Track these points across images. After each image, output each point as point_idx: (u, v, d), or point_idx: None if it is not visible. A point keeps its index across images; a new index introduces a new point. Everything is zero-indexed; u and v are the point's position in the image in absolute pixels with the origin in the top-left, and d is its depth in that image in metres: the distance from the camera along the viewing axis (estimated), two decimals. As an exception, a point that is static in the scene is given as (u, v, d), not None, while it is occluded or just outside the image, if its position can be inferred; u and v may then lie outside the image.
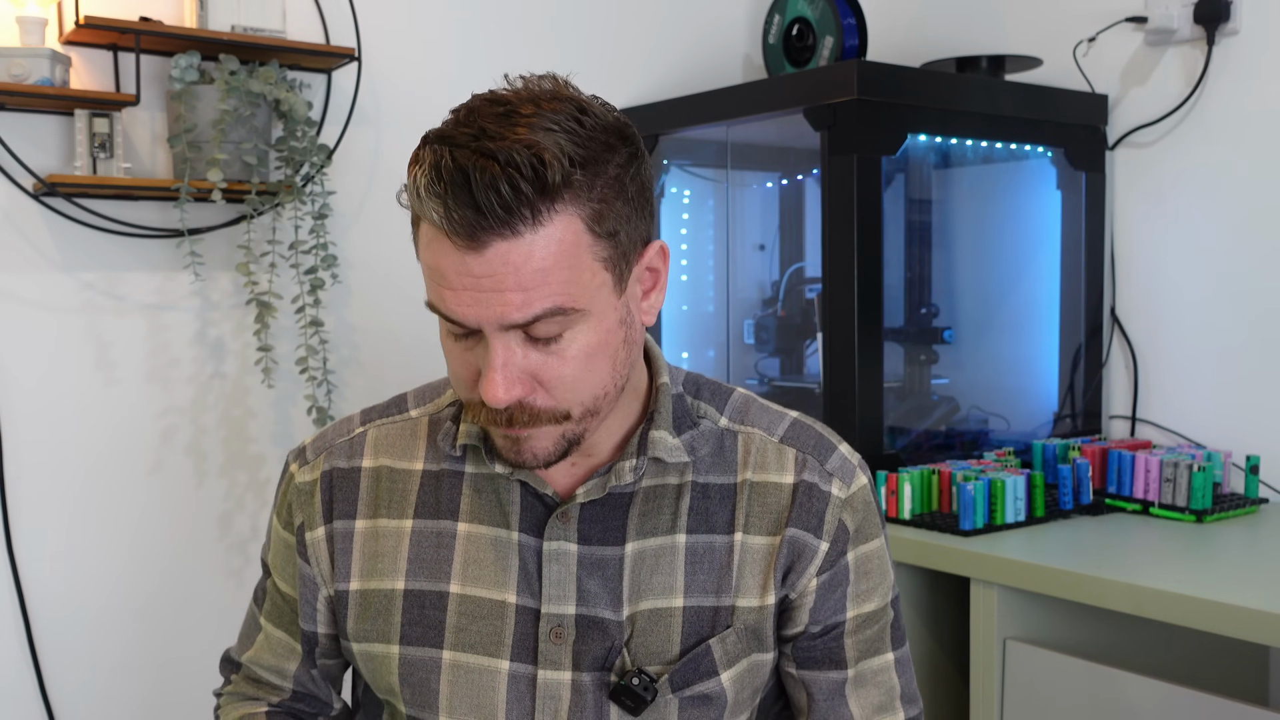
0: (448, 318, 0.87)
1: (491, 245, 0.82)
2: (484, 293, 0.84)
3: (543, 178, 0.82)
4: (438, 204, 0.82)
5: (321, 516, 1.03)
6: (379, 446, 1.04)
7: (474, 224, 0.81)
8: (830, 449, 1.03)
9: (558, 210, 0.83)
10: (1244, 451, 1.99)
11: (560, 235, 0.84)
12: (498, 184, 0.80)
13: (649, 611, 0.98)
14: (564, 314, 0.86)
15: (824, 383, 1.97)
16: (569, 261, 0.85)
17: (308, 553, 1.04)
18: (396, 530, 1.01)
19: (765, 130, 2.26)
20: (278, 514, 1.08)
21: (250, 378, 2.07)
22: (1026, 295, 2.32)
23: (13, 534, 1.88)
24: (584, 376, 0.89)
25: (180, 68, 1.87)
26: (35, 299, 1.90)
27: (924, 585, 1.85)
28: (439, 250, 0.85)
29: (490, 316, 0.85)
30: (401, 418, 1.06)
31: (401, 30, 2.20)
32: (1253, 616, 1.37)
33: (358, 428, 1.06)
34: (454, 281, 0.85)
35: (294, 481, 1.06)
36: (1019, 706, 1.65)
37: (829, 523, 1.00)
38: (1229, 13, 2.03)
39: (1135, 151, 2.21)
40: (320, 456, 1.05)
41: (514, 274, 0.83)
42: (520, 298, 0.84)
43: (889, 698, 1.04)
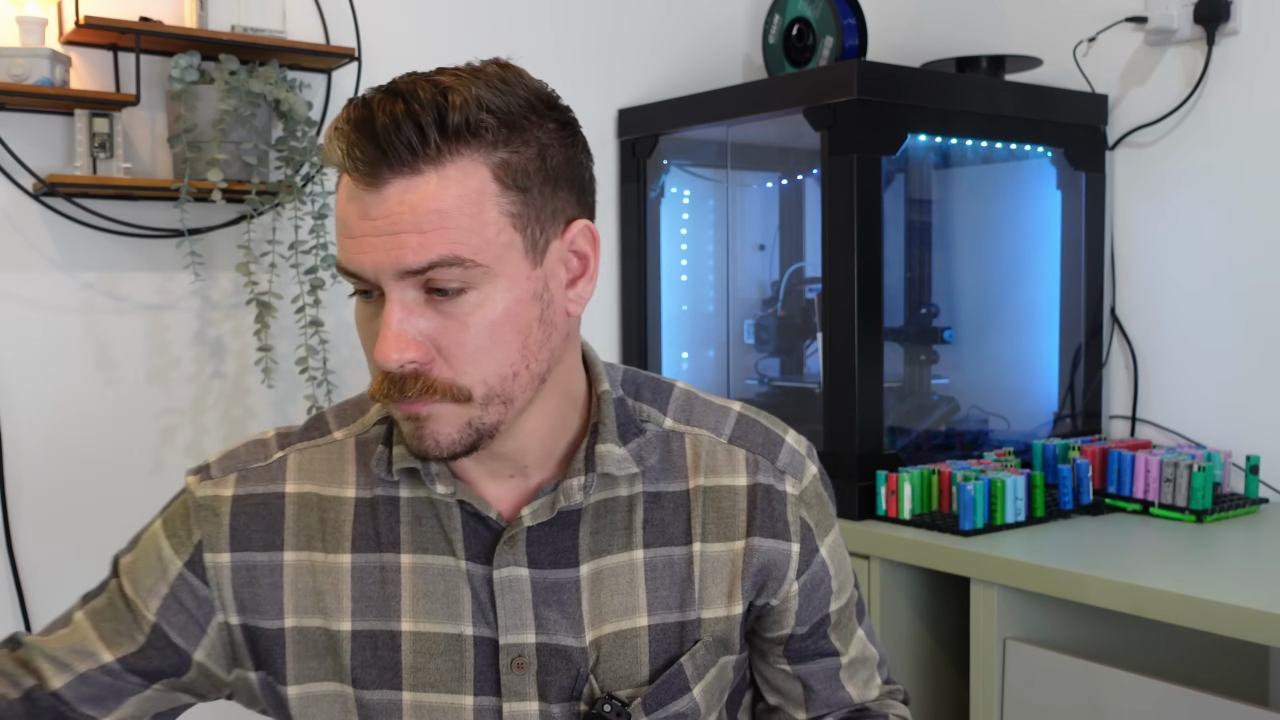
0: (348, 272, 0.83)
1: (390, 184, 0.80)
2: (380, 236, 0.81)
3: (446, 117, 0.80)
4: (342, 142, 0.80)
5: (229, 541, 0.94)
6: (302, 472, 0.96)
7: (374, 160, 0.79)
8: (778, 443, 1.00)
9: (462, 153, 0.81)
10: (1244, 451, 1.99)
11: (463, 179, 0.81)
12: (399, 120, 0.79)
13: (613, 635, 0.94)
14: (463, 266, 0.81)
15: (824, 383, 1.97)
16: (471, 209, 0.81)
17: (206, 574, 0.94)
18: (335, 566, 0.93)
19: (765, 130, 2.26)
20: (164, 525, 0.97)
21: (250, 378, 2.07)
22: (1026, 295, 2.32)
23: (13, 534, 1.88)
24: (488, 348, 0.84)
25: (180, 68, 1.87)
26: (35, 299, 1.90)
27: (924, 585, 1.85)
28: (344, 197, 0.83)
29: (385, 261, 0.81)
30: (325, 441, 0.97)
31: (401, 30, 2.20)
32: (1253, 616, 1.37)
33: (275, 452, 0.97)
34: (355, 228, 0.82)
35: (194, 495, 0.96)
36: (1019, 706, 1.65)
37: (793, 523, 0.98)
38: (1229, 13, 2.03)
39: (1135, 151, 2.21)
40: (230, 476, 0.96)
41: (410, 214, 0.80)
42: (417, 240, 0.80)
43: (870, 669, 1.07)
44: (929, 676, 1.87)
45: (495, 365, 0.85)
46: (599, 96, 2.45)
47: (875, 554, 1.80)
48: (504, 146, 0.82)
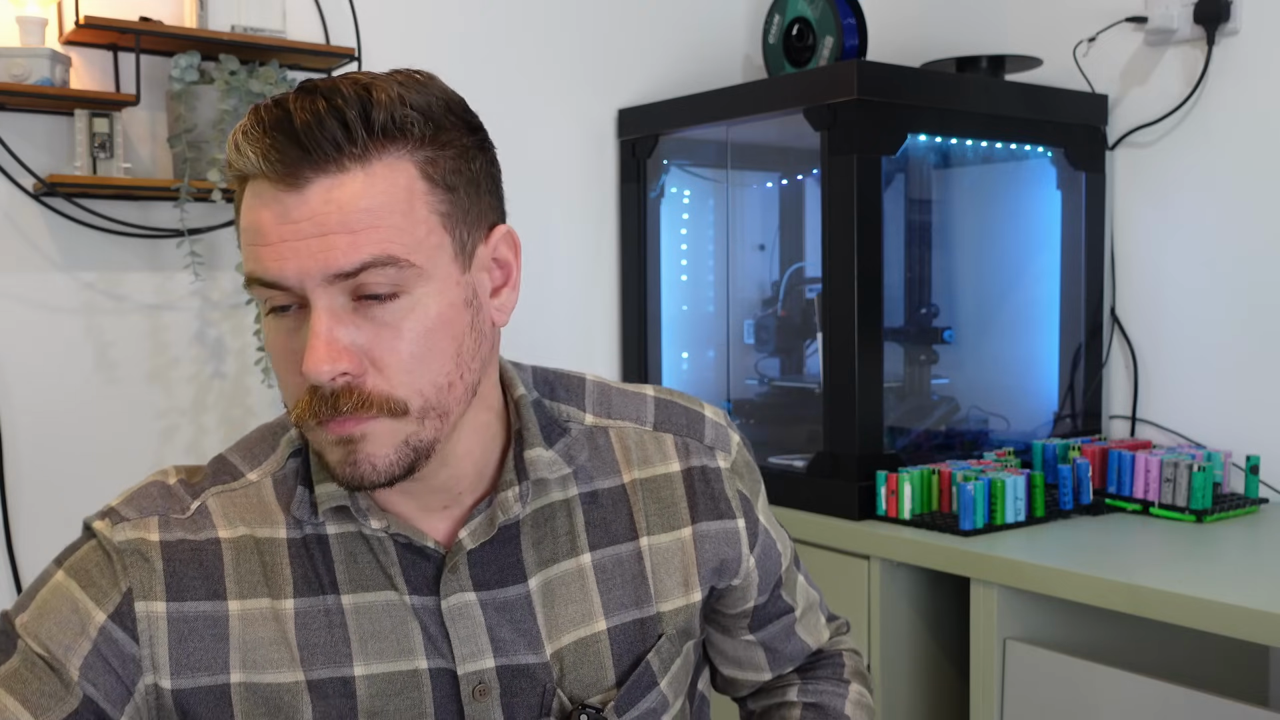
0: (265, 281, 0.77)
1: (314, 183, 0.75)
2: (305, 239, 0.75)
3: (370, 114, 0.76)
4: (254, 147, 0.76)
5: (164, 589, 0.84)
6: (230, 516, 0.88)
7: (294, 160, 0.75)
8: (699, 420, 0.99)
9: (388, 150, 0.77)
10: (1244, 451, 1.99)
11: (391, 175, 0.77)
12: (321, 117, 0.75)
13: (574, 644, 0.91)
14: (397, 266, 0.76)
15: (824, 383, 1.97)
16: (402, 207, 0.77)
17: (137, 627, 0.84)
18: (281, 612, 0.86)
19: (765, 130, 2.26)
20: (73, 574, 0.86)
21: (250, 378, 2.07)
22: (1026, 295, 2.32)
23: (13, 534, 1.88)
24: (422, 356, 0.79)
25: (180, 68, 1.87)
26: (35, 299, 1.90)
27: (924, 585, 1.85)
28: (256, 204, 0.77)
29: (313, 266, 0.75)
30: (240, 484, 0.90)
31: (401, 30, 2.20)
32: (1253, 616, 1.37)
33: (192, 502, 0.88)
34: (272, 234, 0.76)
35: (109, 540, 0.86)
36: (1019, 706, 1.65)
37: (732, 498, 0.97)
38: (1229, 13, 2.03)
39: (1135, 151, 2.21)
40: (151, 520, 0.87)
41: (338, 213, 0.75)
42: (346, 240, 0.75)
43: (816, 613, 1.09)
44: (929, 676, 1.87)
45: (430, 375, 0.80)
46: (599, 96, 2.45)
47: (875, 554, 1.80)
48: (429, 145, 0.79)
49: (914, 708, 1.85)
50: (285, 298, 0.78)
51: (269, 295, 0.78)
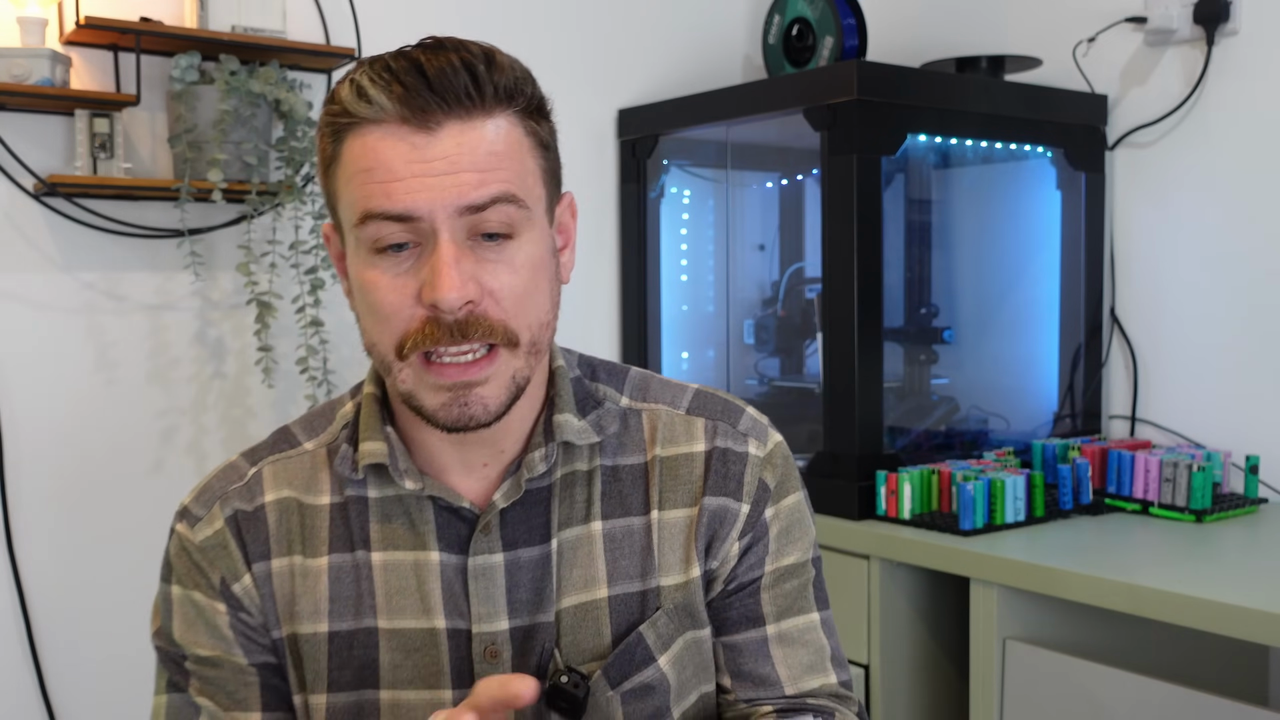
0: (391, 215, 0.82)
1: (446, 126, 0.82)
2: (437, 176, 0.81)
3: (494, 74, 0.84)
4: (385, 92, 0.82)
5: (243, 563, 0.94)
6: (278, 480, 0.96)
7: (429, 104, 0.81)
8: (739, 412, 1.00)
9: (507, 108, 0.85)
10: (1244, 451, 1.99)
11: (509, 129, 0.85)
12: (455, 67, 0.82)
13: (574, 607, 0.93)
14: (516, 204, 0.84)
15: (824, 383, 1.97)
16: (517, 155, 0.85)
17: (242, 602, 0.94)
18: (314, 569, 0.93)
19: (765, 130, 2.26)
20: (178, 582, 0.96)
21: (250, 378, 2.07)
22: (1026, 295, 2.32)
23: (13, 534, 1.88)
24: (532, 294, 0.86)
25: (180, 68, 1.87)
26: (35, 299, 1.90)
27: (924, 585, 1.85)
28: (381, 146, 0.83)
29: (446, 199, 0.82)
30: (295, 452, 0.97)
31: (401, 30, 2.19)
32: (1253, 616, 1.37)
33: (249, 470, 0.97)
34: (403, 170, 0.82)
35: (191, 542, 0.95)
36: (1019, 706, 1.65)
37: (749, 483, 0.96)
38: (1229, 13, 2.03)
39: (1135, 151, 2.21)
40: (215, 506, 0.95)
41: (469, 154, 0.82)
42: (476, 178, 0.82)
43: (819, 658, 0.98)
44: (929, 676, 1.87)
45: (537, 312, 0.87)
46: (599, 96, 2.45)
47: (875, 554, 1.80)
48: (535, 110, 0.88)
49: (914, 708, 1.85)
50: (403, 234, 0.83)
51: (386, 232, 0.83)
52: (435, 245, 0.82)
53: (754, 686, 0.97)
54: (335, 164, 0.87)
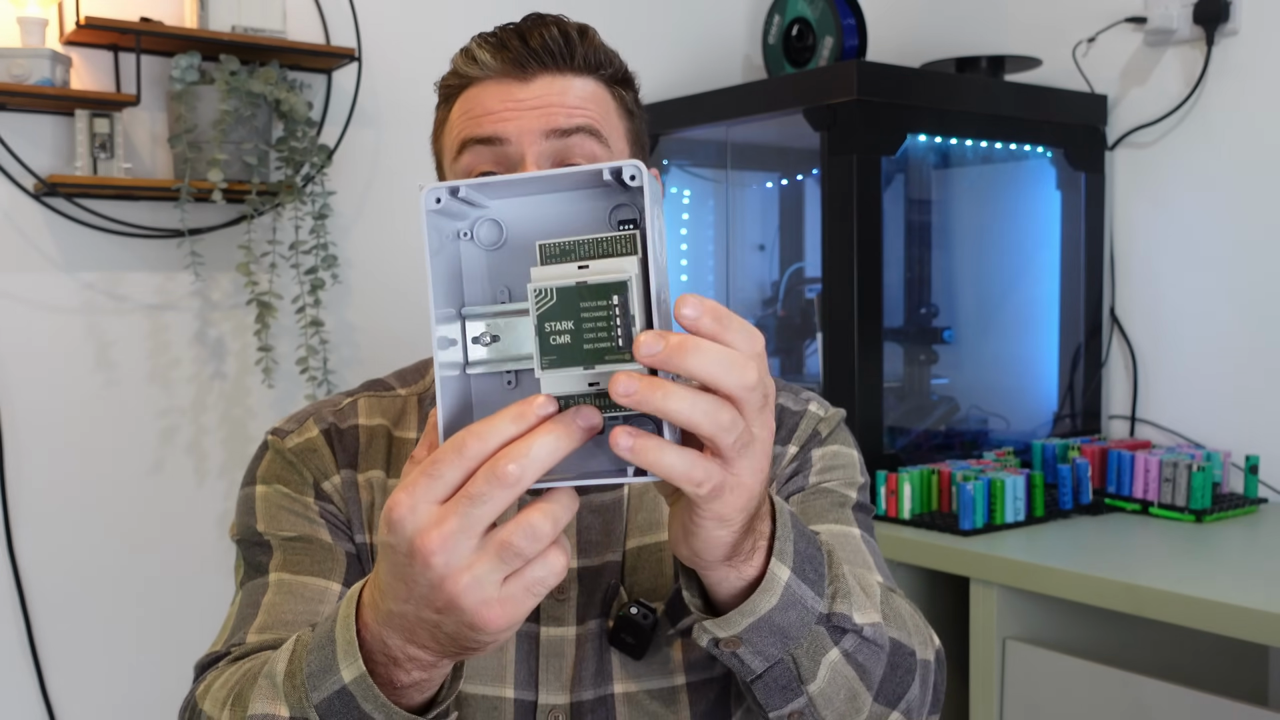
0: (481, 138, 0.91)
1: (539, 77, 0.93)
2: (527, 110, 0.92)
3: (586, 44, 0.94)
4: (489, 51, 0.93)
5: (333, 465, 0.98)
6: (373, 411, 1.02)
7: (525, 58, 0.92)
8: (801, 389, 1.06)
9: (595, 76, 0.96)
10: (1243, 451, 1.99)
11: (595, 89, 0.95)
12: (549, 30, 0.93)
13: (639, 548, 0.95)
14: (599, 141, 0.93)
15: (824, 383, 1.97)
16: (604, 108, 0.96)
17: (332, 498, 0.97)
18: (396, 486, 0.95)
19: (765, 130, 2.26)
20: (262, 481, 0.99)
21: (250, 378, 2.07)
22: (1026, 295, 2.32)
23: (13, 534, 1.88)
24: None
25: (181, 68, 1.87)
26: (35, 299, 1.90)
27: (924, 585, 1.85)
28: (483, 95, 0.93)
29: (535, 124, 0.91)
30: (389, 394, 1.04)
31: (401, 30, 2.20)
32: (1253, 616, 1.37)
33: (344, 400, 1.03)
34: (497, 106, 0.92)
35: (284, 447, 0.99)
36: (1019, 706, 1.65)
37: (801, 430, 1.00)
38: (1229, 13, 2.03)
39: (1135, 151, 2.21)
40: (309, 420, 1.01)
41: (558, 97, 0.92)
42: (563, 111, 0.92)
43: (859, 558, 0.95)
44: (929, 676, 1.87)
45: None
46: (599, 96, 2.45)
47: (875, 554, 1.80)
48: (620, 83, 0.99)
49: (914, 707, 1.85)
50: (492, 161, 0.92)
51: (477, 160, 0.93)
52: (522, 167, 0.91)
53: None
54: (444, 124, 0.97)
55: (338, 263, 2.05)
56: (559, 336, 0.60)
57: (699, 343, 0.59)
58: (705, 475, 0.61)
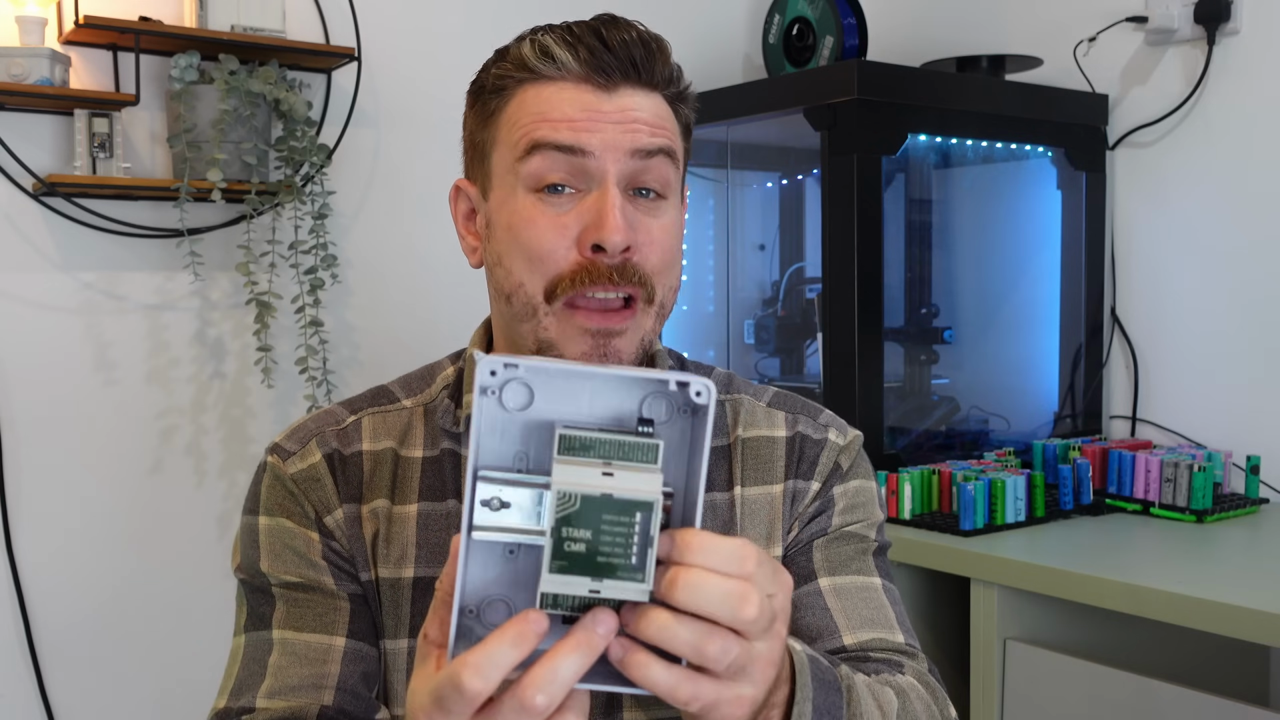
0: (563, 146, 0.87)
1: (622, 88, 0.89)
2: (613, 123, 0.88)
3: (661, 56, 0.91)
4: (570, 53, 0.88)
5: (336, 498, 0.95)
6: (378, 432, 0.97)
7: (610, 66, 0.88)
8: (818, 410, 1.04)
9: (667, 91, 0.92)
10: (1244, 451, 1.99)
11: (668, 109, 0.92)
12: (634, 41, 0.89)
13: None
14: (674, 164, 0.91)
15: (824, 383, 1.97)
16: (674, 130, 0.92)
17: (335, 534, 0.94)
18: (404, 514, 0.94)
19: (765, 130, 2.26)
20: (266, 512, 0.96)
21: (250, 378, 2.07)
22: (1026, 295, 2.32)
23: (13, 534, 1.88)
24: (673, 252, 0.91)
25: (180, 68, 1.87)
26: (35, 299, 1.90)
27: (924, 585, 1.85)
28: (562, 97, 0.88)
29: (622, 140, 0.87)
30: (395, 407, 0.99)
31: (401, 30, 2.20)
32: (1253, 616, 1.37)
33: (348, 417, 0.98)
34: (579, 114, 0.87)
35: (284, 473, 0.95)
36: (1019, 706, 1.65)
37: (823, 464, 1.00)
38: (1229, 13, 2.03)
39: (1135, 151, 2.20)
40: (311, 442, 0.96)
41: (641, 112, 0.89)
42: (648, 129, 0.89)
43: (880, 615, 0.95)
44: (929, 677, 1.87)
45: (672, 274, 0.92)
46: (599, 96, 2.44)
47: (875, 554, 1.80)
48: (683, 101, 0.95)
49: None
50: (565, 173, 0.88)
51: (551, 166, 0.88)
52: (603, 187, 0.87)
53: (811, 640, 0.95)
54: (498, 115, 0.91)
55: (337, 263, 2.05)
56: (574, 544, 0.60)
57: (690, 580, 0.60)
58: (692, 694, 0.61)
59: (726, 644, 0.61)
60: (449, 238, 2.35)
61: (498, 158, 0.91)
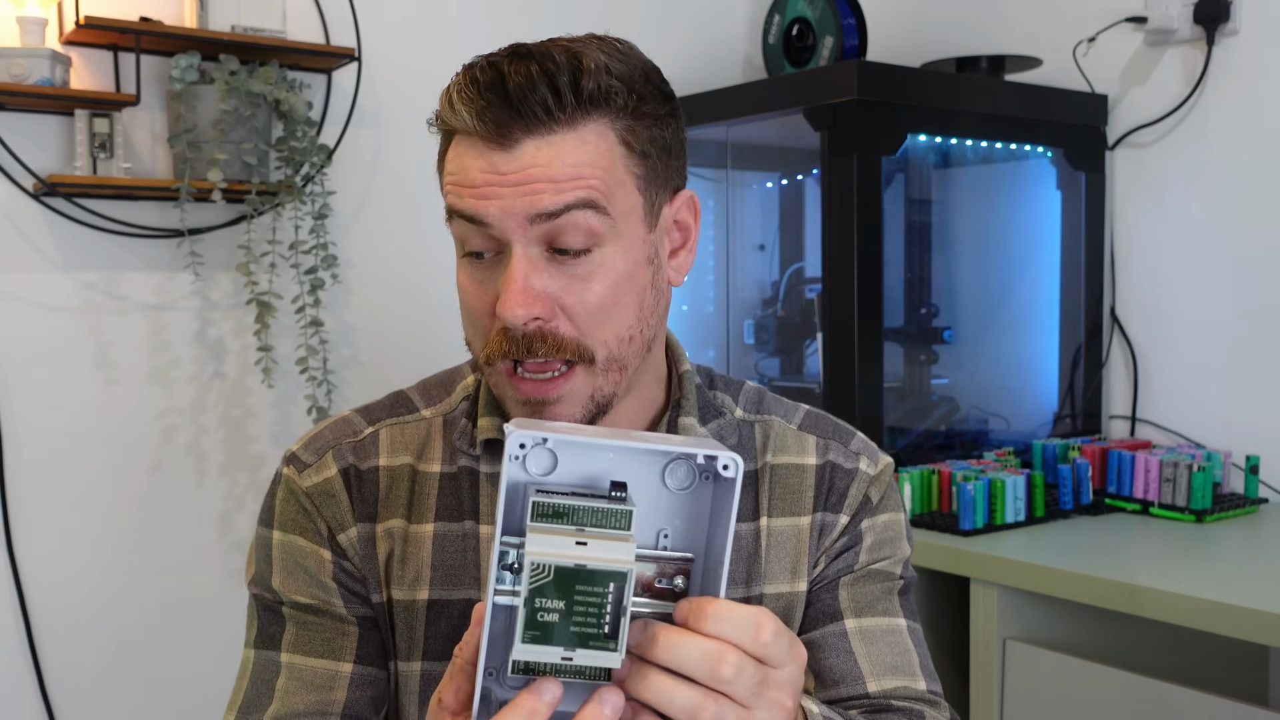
0: (469, 216, 0.82)
1: (522, 143, 0.80)
2: (510, 187, 0.80)
3: (579, 81, 0.81)
4: (468, 107, 0.81)
5: (351, 516, 0.93)
6: (395, 446, 0.95)
7: (506, 121, 0.80)
8: (850, 434, 1.01)
9: (593, 117, 0.82)
10: (1244, 451, 1.99)
11: (595, 140, 0.82)
12: (534, 82, 0.80)
13: None
14: (596, 211, 0.81)
15: (824, 383, 1.97)
16: (603, 165, 0.82)
17: (347, 554, 0.92)
18: (419, 534, 0.92)
19: (765, 130, 2.26)
20: (280, 527, 0.94)
21: (250, 378, 2.07)
22: (1026, 295, 2.32)
23: (13, 534, 1.88)
24: (609, 308, 0.84)
25: (180, 68, 1.87)
26: (35, 299, 1.90)
27: (924, 585, 1.85)
28: (465, 156, 0.82)
29: (517, 207, 0.80)
30: (413, 418, 0.97)
31: (402, 30, 2.20)
32: (1253, 616, 1.37)
33: (365, 428, 0.96)
34: (479, 180, 0.81)
35: (299, 487, 0.94)
36: (1019, 706, 1.65)
37: (853, 496, 0.97)
38: (1229, 13, 2.03)
39: (1135, 151, 2.21)
40: (328, 455, 0.94)
41: (544, 169, 0.80)
42: (551, 187, 0.80)
43: (904, 660, 0.95)
44: (929, 676, 1.87)
45: (615, 328, 0.84)
46: (599, 96, 2.45)
47: (875, 554, 1.80)
48: (630, 114, 0.84)
49: (914, 708, 1.85)
50: (482, 242, 0.83)
51: (468, 234, 0.83)
52: (509, 258, 0.82)
53: (834, 684, 0.93)
54: (443, 159, 0.87)
55: (337, 263, 2.05)
56: (547, 614, 0.60)
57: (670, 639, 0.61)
58: None
59: (721, 710, 0.62)
60: (449, 237, 2.36)
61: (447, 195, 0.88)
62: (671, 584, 0.65)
